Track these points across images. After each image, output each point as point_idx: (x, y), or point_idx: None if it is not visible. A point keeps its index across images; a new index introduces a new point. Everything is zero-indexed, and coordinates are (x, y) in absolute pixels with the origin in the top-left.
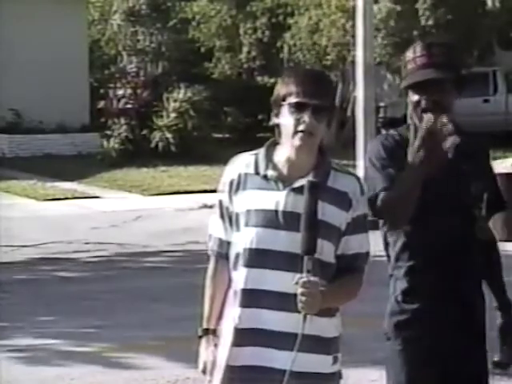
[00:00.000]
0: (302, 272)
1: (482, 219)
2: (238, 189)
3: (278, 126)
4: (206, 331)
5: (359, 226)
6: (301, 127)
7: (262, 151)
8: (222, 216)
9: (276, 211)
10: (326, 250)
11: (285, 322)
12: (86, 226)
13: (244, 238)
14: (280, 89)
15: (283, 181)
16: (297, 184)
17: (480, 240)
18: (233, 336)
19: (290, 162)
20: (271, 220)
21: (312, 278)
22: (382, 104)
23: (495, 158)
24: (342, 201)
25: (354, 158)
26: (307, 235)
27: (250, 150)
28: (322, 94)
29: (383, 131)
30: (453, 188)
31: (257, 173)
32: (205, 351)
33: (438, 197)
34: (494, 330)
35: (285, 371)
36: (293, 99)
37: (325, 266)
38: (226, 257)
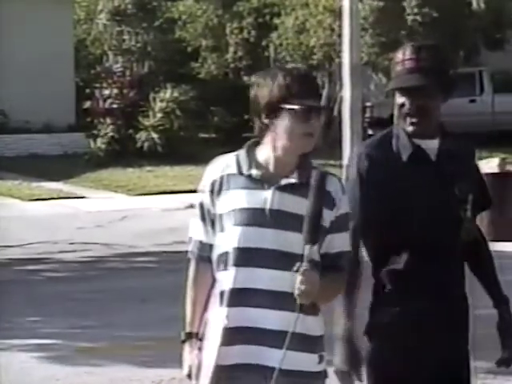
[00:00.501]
0: (293, 268)
1: (467, 220)
2: (220, 190)
3: (265, 126)
4: (190, 335)
5: (342, 224)
6: (308, 130)
7: (242, 152)
8: (203, 218)
9: (262, 210)
10: (314, 249)
11: (274, 320)
12: (71, 226)
13: (231, 238)
14: (274, 90)
15: (268, 180)
16: (283, 182)
17: (469, 240)
18: (222, 336)
19: (275, 162)
20: (258, 219)
21: (312, 268)
22: (368, 104)
23: (481, 158)
24: (327, 199)
25: (340, 157)
26: (310, 225)
27: (237, 149)
28: (319, 94)
29: (369, 131)
30: (437, 190)
31: (240, 173)
32: (189, 355)
33: (422, 199)
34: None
35: (273, 369)
36: (298, 102)
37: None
38: (208, 259)
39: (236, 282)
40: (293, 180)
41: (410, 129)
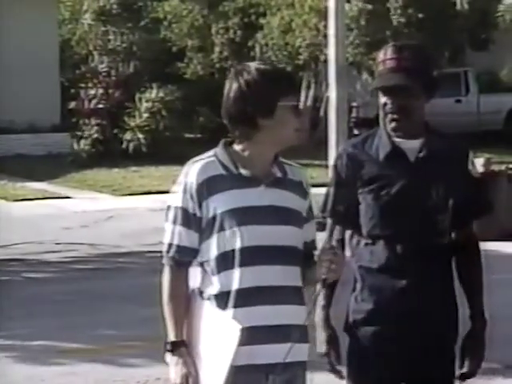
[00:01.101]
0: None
1: (442, 224)
2: (208, 193)
3: (254, 126)
4: (177, 344)
5: (312, 213)
6: (301, 126)
7: (220, 152)
8: (185, 223)
9: (256, 207)
10: (300, 239)
11: (280, 315)
12: (56, 227)
13: (229, 239)
14: (270, 87)
15: (255, 177)
16: (270, 178)
17: (460, 245)
18: (239, 336)
19: (258, 159)
20: (254, 217)
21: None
22: (354, 104)
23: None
24: (300, 190)
25: (326, 158)
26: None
27: None
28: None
29: (355, 131)
30: (412, 191)
31: (228, 173)
32: (181, 365)
33: (401, 199)
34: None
35: (279, 364)
36: (294, 100)
37: (298, 253)
38: (187, 265)
39: (242, 283)
40: (278, 175)
41: (391, 127)
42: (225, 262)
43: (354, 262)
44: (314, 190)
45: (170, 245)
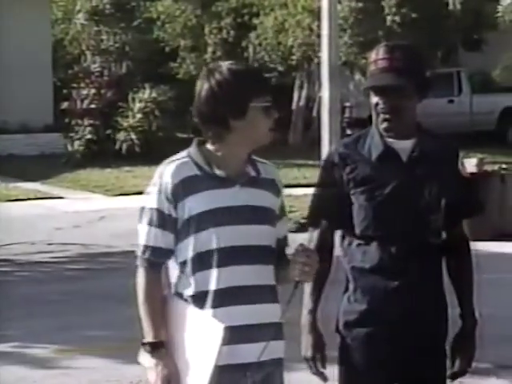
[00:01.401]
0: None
1: (435, 223)
2: (184, 194)
3: (226, 127)
4: (155, 345)
5: (284, 210)
6: (272, 126)
7: (194, 152)
8: (161, 224)
9: (232, 208)
10: (273, 237)
11: (257, 314)
12: (49, 227)
13: (206, 240)
14: (242, 88)
15: (230, 177)
16: (244, 178)
17: (451, 245)
18: (222, 336)
19: (231, 159)
20: (230, 217)
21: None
22: (347, 104)
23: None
24: (273, 187)
25: (319, 158)
26: (313, 208)
27: None
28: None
29: (348, 131)
30: (405, 191)
31: (203, 174)
32: (161, 366)
33: (394, 200)
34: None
35: (256, 362)
36: (266, 100)
37: (272, 252)
38: (161, 266)
39: (219, 283)
40: (252, 174)
41: (383, 127)
42: (201, 262)
43: (347, 263)
44: (307, 190)
45: (146, 246)
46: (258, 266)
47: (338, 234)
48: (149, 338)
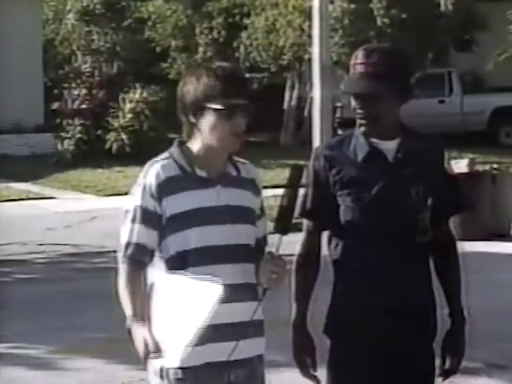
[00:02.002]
0: (243, 262)
1: (422, 222)
2: (167, 193)
3: (192, 125)
4: (135, 319)
5: (263, 209)
6: (236, 130)
7: (175, 152)
8: (145, 222)
9: (214, 208)
10: (253, 236)
11: (236, 312)
12: (40, 227)
13: (187, 239)
14: (199, 89)
15: (212, 177)
16: (225, 178)
17: (438, 243)
18: (219, 294)
19: (211, 159)
20: (211, 217)
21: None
22: (338, 104)
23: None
24: (253, 187)
25: (310, 158)
26: (282, 215)
27: None
28: (246, 92)
29: (340, 131)
30: (392, 191)
31: (184, 174)
32: (140, 334)
33: (381, 201)
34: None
35: (232, 361)
36: (222, 102)
37: (253, 251)
38: (145, 264)
39: None
40: (233, 173)
41: (361, 131)
42: (182, 261)
43: (334, 264)
44: (299, 190)
45: (129, 243)
46: (237, 264)
47: (325, 235)
48: (128, 313)
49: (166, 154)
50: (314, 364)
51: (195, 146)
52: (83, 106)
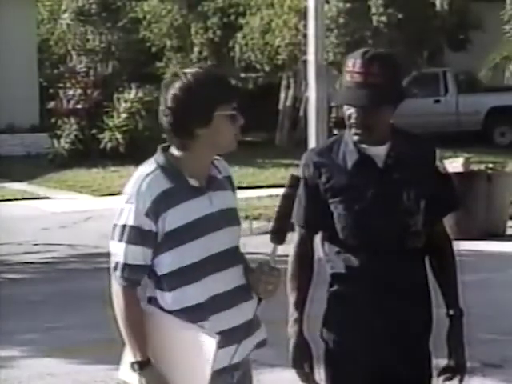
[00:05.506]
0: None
1: (415, 227)
2: (164, 209)
3: (192, 135)
4: (143, 363)
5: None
6: (238, 130)
7: (163, 163)
8: (139, 242)
9: (209, 215)
10: (240, 235)
11: (243, 314)
12: (35, 227)
13: (190, 252)
14: (207, 96)
15: (201, 185)
16: (213, 182)
17: (434, 244)
18: (215, 349)
19: (199, 165)
20: (209, 225)
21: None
22: (334, 104)
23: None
24: (230, 184)
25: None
26: (278, 226)
27: None
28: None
29: (335, 131)
30: (383, 197)
31: (176, 186)
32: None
33: (373, 207)
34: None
35: (234, 364)
36: (232, 107)
37: (241, 251)
38: (139, 283)
39: (210, 291)
40: (218, 176)
41: (354, 139)
42: (183, 276)
43: (329, 269)
44: None
45: (124, 265)
46: (237, 266)
47: (317, 237)
48: (136, 356)
49: (153, 165)
50: (313, 369)
51: (183, 154)
52: (78, 106)
